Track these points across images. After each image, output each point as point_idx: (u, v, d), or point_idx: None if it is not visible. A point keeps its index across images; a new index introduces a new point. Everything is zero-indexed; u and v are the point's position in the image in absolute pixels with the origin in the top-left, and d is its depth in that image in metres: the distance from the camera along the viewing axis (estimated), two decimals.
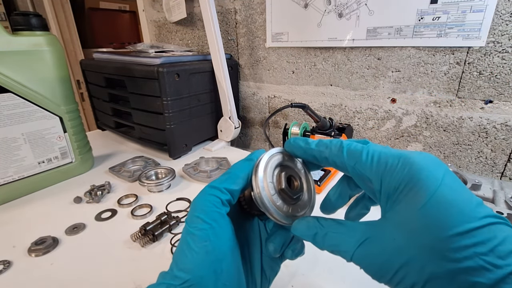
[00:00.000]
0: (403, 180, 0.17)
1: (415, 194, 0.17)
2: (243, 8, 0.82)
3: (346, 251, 0.19)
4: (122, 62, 0.74)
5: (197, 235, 0.21)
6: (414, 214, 0.16)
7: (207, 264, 0.20)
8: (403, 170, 0.18)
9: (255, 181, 0.22)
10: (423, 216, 0.16)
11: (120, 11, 2.25)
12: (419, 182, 0.17)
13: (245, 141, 1.00)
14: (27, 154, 0.55)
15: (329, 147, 0.22)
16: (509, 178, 0.58)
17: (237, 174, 0.23)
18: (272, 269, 0.26)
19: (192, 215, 0.22)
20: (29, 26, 0.53)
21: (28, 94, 0.53)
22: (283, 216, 0.22)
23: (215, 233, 0.21)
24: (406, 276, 0.16)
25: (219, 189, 0.23)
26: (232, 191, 0.23)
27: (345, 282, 0.36)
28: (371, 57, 0.66)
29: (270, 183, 0.22)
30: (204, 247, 0.20)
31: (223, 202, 0.22)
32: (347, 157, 0.21)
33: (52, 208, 0.53)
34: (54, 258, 0.41)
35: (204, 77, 0.77)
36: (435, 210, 0.16)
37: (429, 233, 0.15)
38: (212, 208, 0.22)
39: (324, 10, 0.67)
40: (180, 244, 0.21)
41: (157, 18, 1.08)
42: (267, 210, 0.22)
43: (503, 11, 0.50)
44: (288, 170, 0.24)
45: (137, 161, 0.69)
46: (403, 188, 0.17)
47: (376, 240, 0.18)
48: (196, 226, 0.21)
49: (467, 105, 0.58)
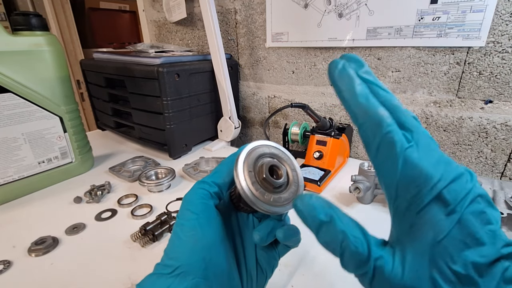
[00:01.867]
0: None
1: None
2: (243, 8, 0.82)
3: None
4: (122, 62, 0.74)
5: (186, 225, 0.22)
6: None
7: (196, 251, 0.21)
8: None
9: (236, 177, 0.22)
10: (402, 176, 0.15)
11: (120, 11, 2.25)
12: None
13: (245, 141, 1.00)
14: (27, 154, 0.55)
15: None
16: (509, 178, 0.58)
17: (223, 169, 0.25)
18: (268, 263, 0.26)
19: (182, 209, 0.23)
20: (29, 26, 0.53)
21: (28, 94, 0.53)
22: (270, 207, 0.22)
23: (202, 223, 0.22)
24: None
25: (207, 183, 0.24)
26: (219, 184, 0.24)
27: (345, 282, 0.36)
28: (371, 57, 0.66)
29: (250, 173, 0.22)
30: (192, 236, 0.21)
31: (211, 194, 0.24)
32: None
33: (52, 208, 0.53)
34: (54, 258, 0.41)
35: (204, 77, 0.77)
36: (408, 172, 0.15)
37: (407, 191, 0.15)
38: (200, 200, 0.23)
39: (324, 10, 0.67)
40: (170, 236, 0.22)
41: (157, 18, 1.08)
42: (252, 203, 0.21)
43: (503, 11, 0.50)
44: (269, 161, 0.24)
45: (137, 161, 0.69)
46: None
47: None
48: (184, 217, 0.22)
49: (467, 105, 0.58)
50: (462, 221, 0.14)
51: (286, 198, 0.23)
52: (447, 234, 0.15)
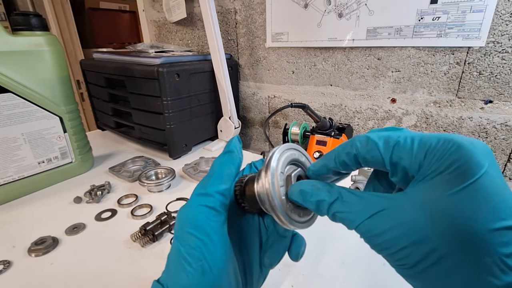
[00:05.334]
0: (446, 161, 0.16)
1: (453, 177, 0.15)
2: (243, 8, 0.82)
3: (353, 221, 0.18)
4: (122, 62, 0.74)
5: (191, 254, 0.19)
6: (444, 197, 0.15)
7: (205, 283, 0.18)
8: (449, 150, 0.16)
9: (265, 177, 0.20)
10: (455, 201, 0.15)
11: (120, 11, 2.25)
12: (462, 166, 0.15)
13: (245, 141, 1.00)
14: (27, 154, 0.55)
15: (354, 145, 0.19)
16: (509, 178, 0.58)
17: (223, 172, 0.21)
18: (270, 266, 0.26)
19: (182, 231, 0.20)
20: (29, 26, 0.53)
21: (28, 94, 0.53)
22: (288, 219, 0.20)
23: (210, 250, 0.19)
24: (411, 254, 0.15)
25: (209, 195, 0.20)
26: (223, 192, 0.21)
27: (345, 282, 0.36)
28: (371, 57, 0.66)
29: (280, 181, 0.20)
30: (199, 267, 0.18)
31: (216, 209, 0.20)
32: (383, 145, 0.18)
33: (52, 208, 0.53)
34: (54, 258, 0.41)
35: (204, 77, 0.77)
36: (470, 198, 0.15)
37: (456, 220, 0.15)
38: (205, 221, 0.19)
39: (324, 10, 0.67)
40: (172, 261, 0.20)
41: (157, 18, 1.08)
42: (273, 209, 0.19)
43: (503, 11, 0.50)
44: (298, 169, 0.22)
45: (137, 161, 0.69)
46: (443, 168, 0.16)
47: (390, 214, 0.17)
48: (188, 244, 0.19)
49: (467, 105, 0.58)
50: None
51: (306, 213, 0.22)
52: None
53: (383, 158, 0.18)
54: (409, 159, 0.17)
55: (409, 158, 0.17)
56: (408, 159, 0.17)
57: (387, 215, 0.17)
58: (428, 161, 0.17)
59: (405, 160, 0.18)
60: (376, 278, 0.36)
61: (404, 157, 0.18)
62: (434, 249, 0.15)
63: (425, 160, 0.17)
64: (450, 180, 0.15)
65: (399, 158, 0.18)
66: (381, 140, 0.18)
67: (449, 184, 0.15)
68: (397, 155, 0.18)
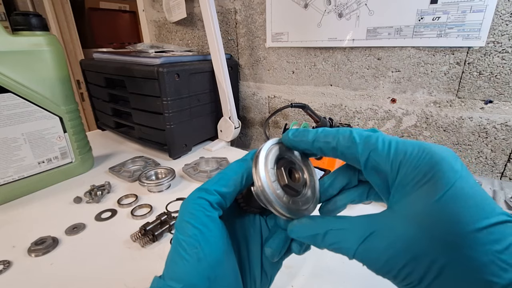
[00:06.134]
0: (422, 169, 0.16)
1: (432, 185, 0.16)
2: (243, 8, 0.82)
3: (349, 249, 0.18)
4: (122, 62, 0.74)
5: (187, 241, 0.19)
6: (429, 206, 0.16)
7: (199, 271, 0.19)
8: (424, 159, 0.17)
9: (255, 174, 0.20)
10: (439, 208, 0.15)
11: (120, 11, 2.25)
12: (438, 173, 0.16)
13: (245, 141, 1.00)
14: (27, 154, 0.55)
15: (336, 137, 0.20)
16: (509, 178, 0.58)
17: (230, 175, 0.22)
18: (273, 267, 0.25)
19: (181, 220, 0.21)
20: (29, 26, 0.53)
21: (28, 94, 0.53)
22: (287, 210, 0.21)
23: (206, 238, 0.20)
24: (413, 270, 0.16)
25: (209, 191, 0.21)
26: (223, 193, 0.21)
27: (345, 282, 0.36)
28: (371, 57, 0.66)
29: (272, 176, 0.21)
30: (195, 254, 0.19)
31: (213, 205, 0.21)
32: (362, 146, 0.19)
33: (52, 208, 0.53)
34: (54, 258, 0.41)
35: (204, 77, 0.77)
36: (452, 203, 0.15)
37: (444, 227, 0.15)
38: (201, 211, 0.20)
39: (324, 10, 0.67)
40: (170, 251, 0.20)
41: (157, 18, 1.08)
42: (270, 203, 0.20)
43: (503, 11, 0.50)
44: (288, 163, 0.23)
45: (137, 161, 0.69)
46: (420, 177, 0.16)
47: (382, 234, 0.17)
48: (185, 232, 0.20)
49: (467, 105, 0.58)
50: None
51: (305, 202, 0.23)
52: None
53: (359, 160, 0.19)
54: (386, 164, 0.18)
55: (385, 163, 0.18)
56: (384, 164, 0.18)
57: (379, 235, 0.17)
58: (404, 169, 0.17)
59: (382, 165, 0.18)
60: (377, 278, 0.36)
61: (381, 162, 0.18)
62: (434, 261, 0.15)
63: (401, 168, 0.17)
64: (431, 188, 0.16)
65: (376, 162, 0.19)
66: (362, 142, 0.19)
67: (431, 192, 0.16)
68: (374, 159, 0.19)
